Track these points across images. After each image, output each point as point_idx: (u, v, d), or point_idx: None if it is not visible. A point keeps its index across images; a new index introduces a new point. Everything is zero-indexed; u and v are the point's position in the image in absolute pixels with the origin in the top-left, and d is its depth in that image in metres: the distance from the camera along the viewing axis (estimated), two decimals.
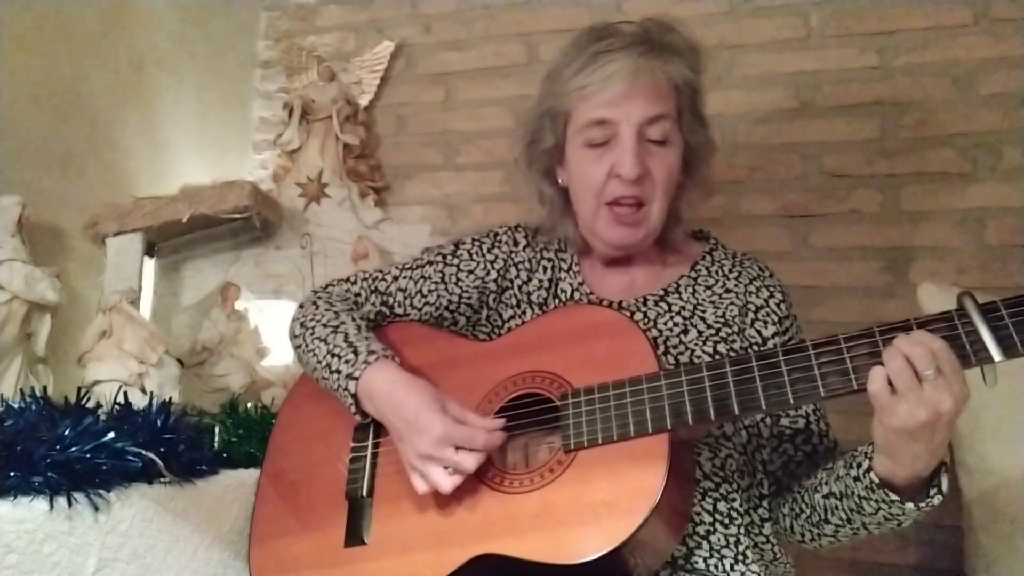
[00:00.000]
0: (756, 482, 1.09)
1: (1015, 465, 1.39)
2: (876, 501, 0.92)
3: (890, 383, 0.82)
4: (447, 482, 0.96)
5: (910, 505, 0.90)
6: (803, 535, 1.08)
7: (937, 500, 0.91)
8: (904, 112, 1.82)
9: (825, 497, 1.01)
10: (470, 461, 0.95)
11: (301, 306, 1.22)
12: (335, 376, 1.07)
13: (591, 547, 0.87)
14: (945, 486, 0.90)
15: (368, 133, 2.18)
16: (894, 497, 0.90)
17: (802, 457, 1.13)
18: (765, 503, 1.09)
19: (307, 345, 1.14)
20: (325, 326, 1.13)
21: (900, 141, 1.81)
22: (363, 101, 2.21)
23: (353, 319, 1.14)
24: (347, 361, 1.06)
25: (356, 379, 1.05)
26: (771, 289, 1.17)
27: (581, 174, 1.14)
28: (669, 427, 0.91)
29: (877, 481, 0.91)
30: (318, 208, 2.02)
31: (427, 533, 0.98)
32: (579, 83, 1.11)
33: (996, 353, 0.80)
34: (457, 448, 0.96)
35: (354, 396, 1.05)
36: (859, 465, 0.94)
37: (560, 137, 1.17)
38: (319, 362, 1.11)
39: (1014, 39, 1.75)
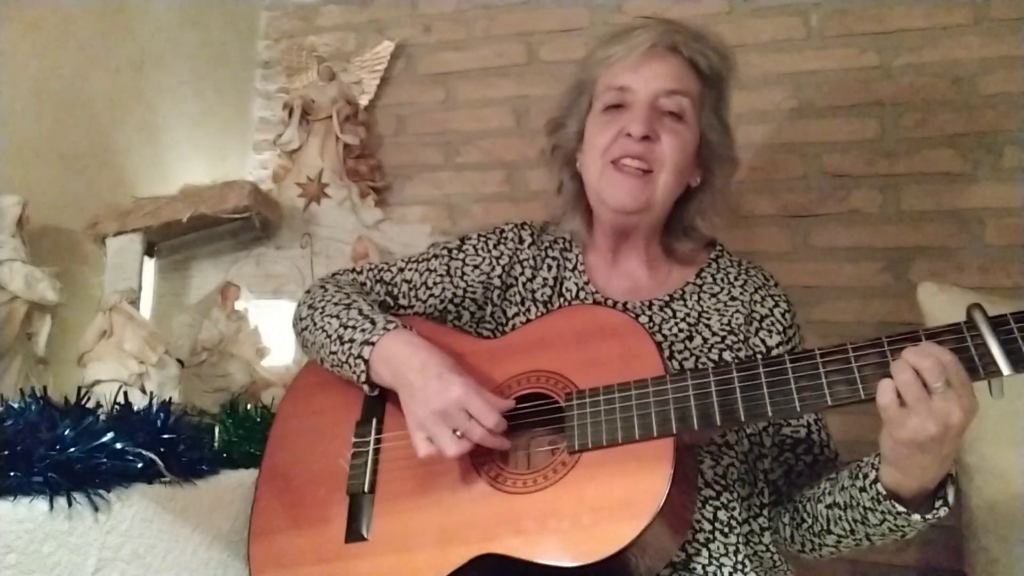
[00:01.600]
0: (757, 491, 1.09)
1: (1016, 466, 1.39)
2: (882, 512, 0.92)
3: (899, 396, 0.82)
4: (454, 446, 0.95)
5: (917, 517, 0.89)
6: (804, 545, 1.07)
7: (943, 512, 0.90)
8: (904, 112, 1.82)
9: (828, 507, 1.00)
10: (478, 431, 0.96)
11: (308, 291, 1.22)
12: (347, 347, 1.07)
13: (594, 550, 0.87)
14: (951, 498, 0.90)
15: (368, 133, 2.18)
16: (901, 508, 0.89)
17: (803, 467, 1.12)
18: (766, 512, 1.09)
19: (316, 324, 1.14)
20: (337, 304, 1.14)
21: (900, 141, 1.81)
22: (363, 101, 2.21)
23: (365, 299, 1.16)
24: (363, 330, 1.07)
25: (372, 344, 1.05)
26: (776, 299, 1.17)
27: (592, 136, 1.16)
28: (674, 431, 0.91)
29: (884, 492, 0.90)
30: (318, 208, 2.02)
31: (428, 531, 0.98)
32: (606, 53, 1.16)
33: (1005, 367, 0.80)
34: (470, 416, 0.96)
35: (367, 362, 1.05)
36: (865, 476, 0.93)
37: (583, 117, 1.20)
38: (328, 337, 1.10)
39: (1014, 39, 1.75)
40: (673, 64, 1.13)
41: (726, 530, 1.02)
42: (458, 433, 0.96)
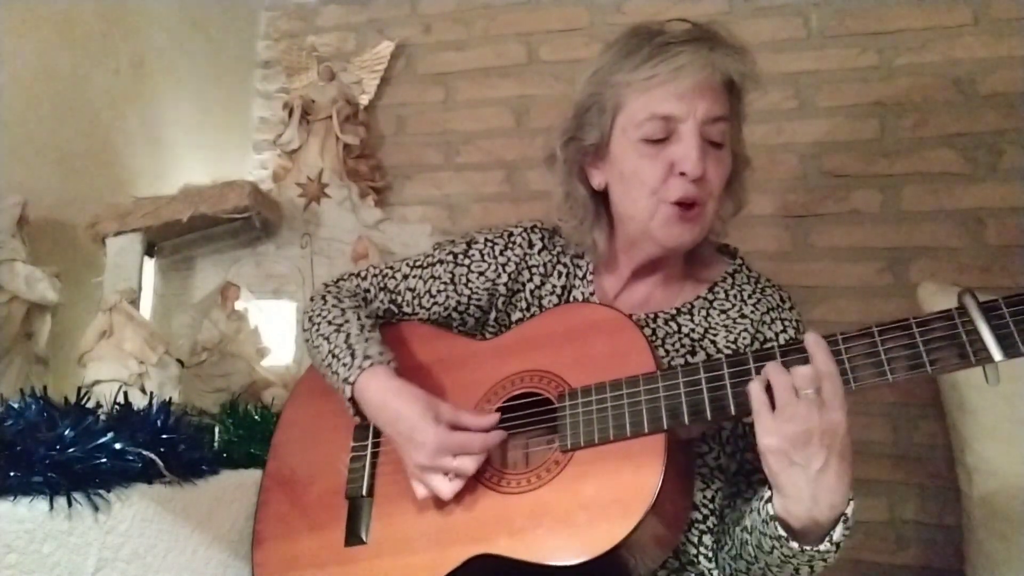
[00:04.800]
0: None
1: (1015, 465, 1.39)
2: (770, 537, 0.89)
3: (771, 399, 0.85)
4: (447, 488, 0.97)
5: (795, 544, 0.87)
6: (727, 569, 1.04)
7: (824, 547, 0.87)
8: (904, 112, 1.82)
9: (742, 530, 0.97)
10: (469, 464, 0.96)
11: (312, 299, 1.21)
12: (335, 377, 1.08)
13: (587, 548, 0.87)
14: (837, 536, 0.86)
15: (368, 133, 2.18)
16: (781, 532, 0.87)
17: (751, 494, 1.06)
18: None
19: (312, 341, 1.14)
20: (330, 323, 1.13)
21: (900, 141, 1.81)
22: (363, 101, 2.21)
23: (358, 317, 1.13)
24: (344, 364, 1.06)
25: (351, 384, 1.05)
26: (785, 323, 1.12)
27: (636, 171, 1.06)
28: (666, 427, 0.91)
29: (771, 513, 0.88)
30: (318, 208, 2.02)
31: (426, 533, 0.98)
32: (644, 74, 1.03)
33: (996, 352, 0.79)
34: (455, 454, 0.96)
35: (351, 400, 1.06)
36: (762, 497, 0.91)
37: (606, 132, 1.09)
38: (322, 360, 1.11)
39: (1014, 39, 1.75)
40: (717, 86, 1.04)
41: (710, 555, 1.02)
42: (450, 476, 0.97)
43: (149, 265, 1.90)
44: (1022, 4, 1.75)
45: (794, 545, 0.87)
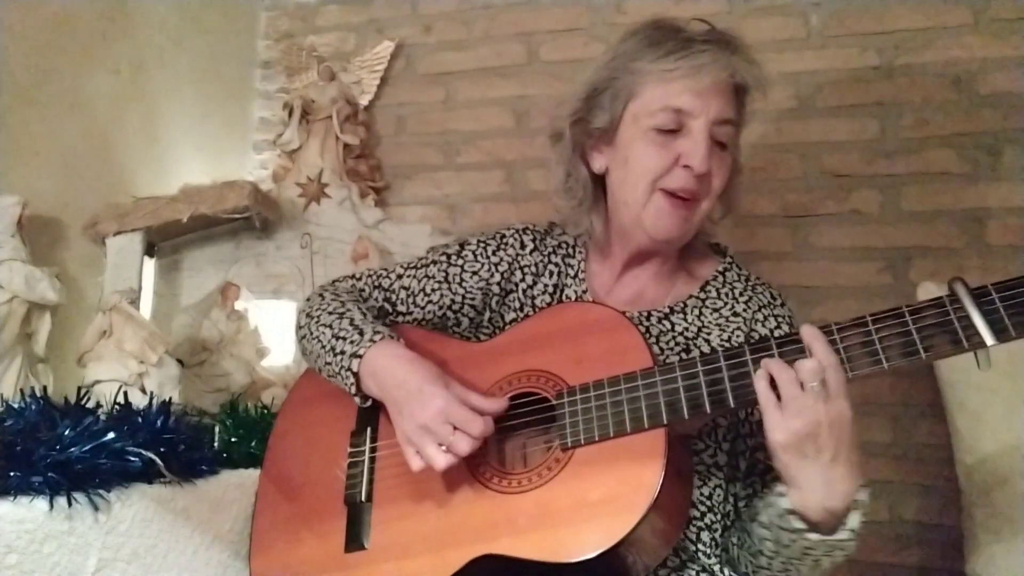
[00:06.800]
0: (726, 513, 1.08)
1: (1015, 465, 1.39)
2: (789, 532, 0.91)
3: (776, 394, 0.85)
4: (441, 458, 0.95)
5: (814, 535, 0.89)
6: (747, 566, 1.04)
7: (844, 536, 0.89)
8: (904, 112, 1.82)
9: (759, 526, 0.98)
10: (464, 443, 0.95)
11: (308, 299, 1.22)
12: (339, 358, 1.07)
13: (590, 545, 0.87)
14: (854, 523, 0.88)
15: (368, 133, 2.18)
16: (798, 525, 0.89)
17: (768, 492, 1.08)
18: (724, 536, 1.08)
19: (312, 333, 1.13)
20: (331, 314, 1.13)
21: (900, 141, 1.82)
22: (363, 101, 2.21)
23: (359, 308, 1.15)
24: (352, 341, 1.06)
25: (360, 357, 1.04)
26: (779, 319, 1.13)
27: (641, 158, 1.09)
28: (665, 422, 0.91)
29: (787, 507, 0.90)
30: (318, 208, 2.02)
31: (426, 536, 0.98)
32: (666, 65, 1.06)
33: (988, 337, 0.81)
34: (454, 429, 0.95)
35: (356, 375, 1.05)
36: (775, 492, 0.93)
37: (616, 117, 1.12)
38: (323, 347, 1.10)
39: (1014, 39, 1.75)
40: (732, 90, 1.08)
41: (708, 551, 1.02)
42: (443, 448, 0.96)
43: (149, 265, 1.90)
44: (1022, 4, 1.75)
45: (813, 536, 0.89)
